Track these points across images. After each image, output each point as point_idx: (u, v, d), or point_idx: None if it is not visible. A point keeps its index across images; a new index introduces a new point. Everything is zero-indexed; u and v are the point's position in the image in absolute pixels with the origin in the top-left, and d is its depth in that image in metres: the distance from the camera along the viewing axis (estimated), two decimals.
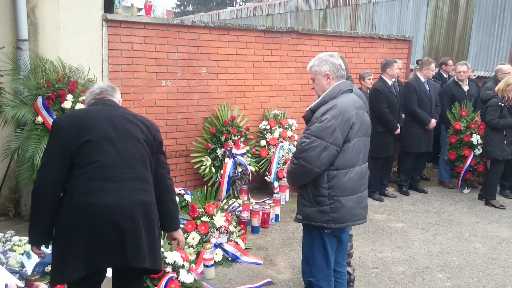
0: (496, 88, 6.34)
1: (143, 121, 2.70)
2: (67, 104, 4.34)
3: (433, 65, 6.79)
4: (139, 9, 9.68)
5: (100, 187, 2.40)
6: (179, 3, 46.34)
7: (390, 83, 6.36)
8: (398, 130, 6.41)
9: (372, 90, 6.36)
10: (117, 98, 2.82)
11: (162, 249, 3.67)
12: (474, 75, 8.79)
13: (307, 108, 3.08)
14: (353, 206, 2.95)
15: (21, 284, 2.63)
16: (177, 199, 5.14)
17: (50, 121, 4.27)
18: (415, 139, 6.67)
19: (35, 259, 3.63)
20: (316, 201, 2.94)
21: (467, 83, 7.23)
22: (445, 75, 7.90)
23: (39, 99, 4.33)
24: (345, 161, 2.91)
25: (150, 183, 2.58)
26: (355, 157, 2.95)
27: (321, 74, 3.05)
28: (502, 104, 6.17)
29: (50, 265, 2.58)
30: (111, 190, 2.41)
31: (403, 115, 6.66)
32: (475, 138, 6.74)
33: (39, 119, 4.30)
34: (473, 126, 6.84)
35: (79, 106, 4.38)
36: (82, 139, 2.44)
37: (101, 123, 2.52)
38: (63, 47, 4.75)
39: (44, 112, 4.29)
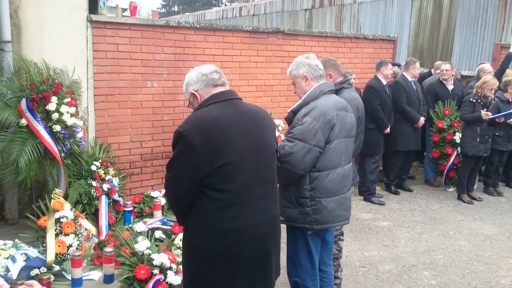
0: (475, 85, 6.46)
1: (269, 120, 2.47)
2: (51, 106, 4.29)
3: (418, 64, 6.89)
4: (124, 10, 9.62)
5: (236, 214, 2.22)
6: (164, 3, 46.17)
7: (384, 82, 6.45)
8: (388, 130, 6.48)
9: (367, 87, 6.46)
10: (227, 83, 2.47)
11: (149, 251, 3.66)
12: (459, 75, 8.90)
13: (289, 110, 3.10)
14: (335, 207, 2.96)
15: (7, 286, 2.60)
16: (164, 201, 5.14)
17: (34, 123, 4.22)
18: (405, 138, 6.76)
19: (20, 263, 3.59)
20: (298, 202, 2.95)
21: (452, 82, 7.32)
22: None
23: (23, 101, 4.28)
24: (327, 163, 2.93)
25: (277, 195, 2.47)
26: (336, 158, 2.96)
27: (299, 77, 3.09)
28: (474, 100, 6.25)
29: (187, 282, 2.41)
30: (248, 212, 2.26)
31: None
32: (458, 137, 6.83)
33: (23, 121, 4.25)
34: (455, 124, 6.92)
35: (64, 108, 4.34)
36: (217, 162, 2.15)
37: (236, 140, 2.21)
38: (47, 48, 4.70)
39: (28, 115, 4.24)
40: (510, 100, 6.71)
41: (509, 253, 4.89)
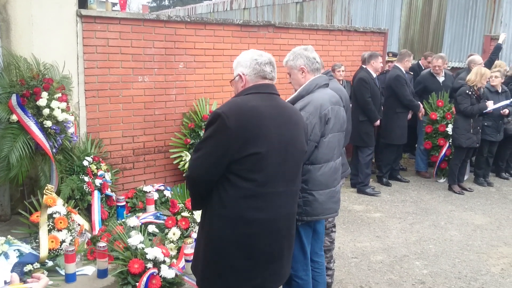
0: (467, 78, 6.49)
1: (302, 120, 2.46)
2: (42, 102, 4.28)
3: (412, 57, 6.96)
4: (113, 4, 9.54)
5: (259, 205, 2.21)
6: None
7: (374, 75, 6.48)
8: (378, 122, 6.53)
9: (358, 79, 6.47)
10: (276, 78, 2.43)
11: (142, 245, 3.67)
12: (449, 67, 8.97)
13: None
14: (325, 200, 2.98)
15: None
16: (157, 195, 5.15)
17: (25, 119, 4.21)
18: (402, 131, 6.83)
19: (13, 259, 3.59)
20: None
21: (443, 74, 7.37)
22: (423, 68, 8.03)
23: (13, 97, 4.26)
24: (320, 156, 2.95)
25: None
26: (329, 152, 2.98)
27: (296, 68, 3.08)
28: (470, 92, 6.31)
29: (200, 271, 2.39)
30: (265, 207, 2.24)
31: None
32: (450, 128, 6.89)
33: (14, 117, 4.23)
34: (448, 116, 6.98)
35: (54, 103, 4.32)
36: (248, 150, 2.14)
37: (270, 132, 2.20)
38: (37, 43, 4.67)
39: (19, 110, 4.22)
40: (499, 91, 6.78)
41: (499, 242, 4.95)
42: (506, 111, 6.57)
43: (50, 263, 3.84)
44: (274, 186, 2.23)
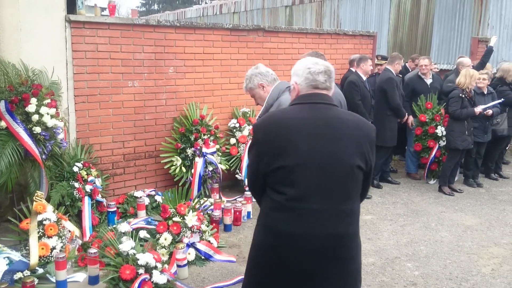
0: (457, 81, 6.56)
1: (360, 133, 2.19)
2: (31, 108, 4.25)
3: (402, 60, 7.03)
4: (102, 9, 9.53)
5: (288, 220, 2.11)
6: (144, 1, 45.80)
7: (364, 78, 6.52)
8: None
9: (348, 82, 6.51)
10: (333, 88, 2.30)
11: (134, 251, 3.65)
12: (437, 69, 9.05)
13: (257, 116, 3.20)
14: None
15: None
16: (148, 201, 5.13)
17: (14, 125, 4.18)
18: (394, 133, 6.87)
19: (3, 267, 3.55)
20: None
21: (430, 77, 7.43)
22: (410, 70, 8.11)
23: (2, 104, 4.23)
24: None
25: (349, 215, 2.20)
26: None
27: (256, 87, 3.25)
28: (463, 96, 6.38)
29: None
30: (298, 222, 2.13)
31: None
32: (440, 130, 6.94)
33: (3, 124, 4.20)
34: (437, 118, 7.03)
35: (44, 109, 4.29)
36: (276, 163, 2.11)
37: (299, 145, 2.10)
38: (25, 49, 4.64)
39: (7, 117, 4.19)
40: (485, 92, 6.86)
41: (489, 243, 4.99)
42: (490, 111, 6.62)
43: (40, 271, 3.81)
44: (308, 202, 2.09)
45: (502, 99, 6.84)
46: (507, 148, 8.32)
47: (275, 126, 2.17)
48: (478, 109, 6.42)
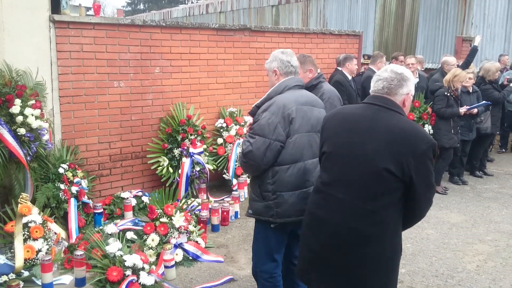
0: (444, 79, 6.64)
1: (414, 145, 2.18)
2: (15, 109, 4.20)
3: (384, 58, 7.05)
4: (87, 9, 9.43)
5: (319, 202, 2.42)
6: (129, 1, 45.50)
7: (349, 77, 6.55)
8: None
9: (334, 82, 6.52)
10: (400, 93, 2.33)
11: (121, 253, 3.63)
12: (423, 68, 9.13)
13: (254, 104, 3.15)
14: (296, 201, 2.96)
15: None
16: (135, 202, 5.11)
17: None
18: None
19: None
20: (262, 196, 2.99)
21: (417, 76, 7.48)
22: None
23: None
24: (286, 157, 2.95)
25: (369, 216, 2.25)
26: (297, 152, 2.97)
27: (270, 71, 3.18)
28: (448, 94, 6.46)
29: None
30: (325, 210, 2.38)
31: None
32: (427, 129, 7.00)
33: None
34: (425, 116, 7.09)
35: (28, 110, 4.25)
36: (323, 147, 2.47)
37: (340, 136, 2.37)
38: (9, 50, 4.58)
39: None
40: (470, 91, 6.94)
41: (474, 240, 5.06)
42: (475, 110, 6.73)
43: (26, 273, 3.77)
44: (335, 189, 2.32)
45: (489, 102, 6.94)
46: (491, 146, 8.43)
47: (333, 117, 2.51)
48: (463, 109, 6.51)
